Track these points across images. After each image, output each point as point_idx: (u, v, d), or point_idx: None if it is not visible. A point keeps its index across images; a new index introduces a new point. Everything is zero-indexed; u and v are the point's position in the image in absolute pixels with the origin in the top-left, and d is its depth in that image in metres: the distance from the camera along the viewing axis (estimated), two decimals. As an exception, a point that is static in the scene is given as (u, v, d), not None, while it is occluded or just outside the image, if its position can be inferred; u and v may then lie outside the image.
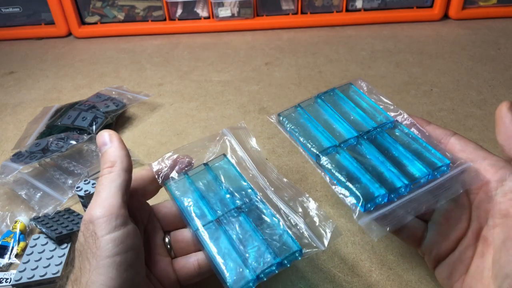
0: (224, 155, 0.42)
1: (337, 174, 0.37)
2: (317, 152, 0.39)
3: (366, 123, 0.40)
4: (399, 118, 0.41)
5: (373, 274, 0.40)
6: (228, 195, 0.38)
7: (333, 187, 0.37)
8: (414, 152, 0.37)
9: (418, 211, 0.35)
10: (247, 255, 0.35)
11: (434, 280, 0.39)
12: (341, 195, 0.36)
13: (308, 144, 0.40)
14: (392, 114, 0.41)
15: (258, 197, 0.38)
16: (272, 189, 0.39)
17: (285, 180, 0.40)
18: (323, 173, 0.39)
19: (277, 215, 0.37)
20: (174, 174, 0.40)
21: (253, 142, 0.43)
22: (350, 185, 0.36)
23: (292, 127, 0.41)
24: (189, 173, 0.40)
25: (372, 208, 0.35)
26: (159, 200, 0.40)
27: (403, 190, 0.35)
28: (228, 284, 0.33)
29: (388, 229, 0.35)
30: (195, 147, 0.42)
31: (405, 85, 0.72)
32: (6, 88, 0.80)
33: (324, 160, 0.39)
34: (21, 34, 0.98)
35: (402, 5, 0.94)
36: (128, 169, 0.35)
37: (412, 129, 0.39)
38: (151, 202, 0.39)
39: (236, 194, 0.39)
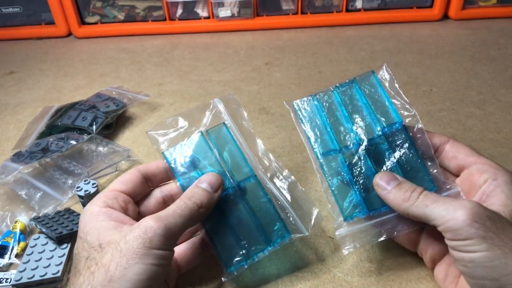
0: (224, 124, 0.42)
1: (329, 179, 0.39)
2: (319, 153, 0.40)
3: (374, 126, 0.40)
4: (409, 120, 0.41)
5: (373, 274, 0.40)
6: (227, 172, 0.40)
7: (323, 189, 0.40)
8: (407, 171, 0.39)
9: (390, 234, 0.38)
10: (241, 236, 0.39)
11: (434, 280, 0.39)
12: (328, 202, 0.40)
13: (313, 141, 0.41)
14: (405, 113, 0.41)
15: (254, 175, 0.40)
16: (262, 169, 0.41)
17: (272, 158, 0.42)
18: (319, 174, 0.40)
19: (270, 197, 0.40)
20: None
21: (245, 115, 0.44)
22: (337, 195, 0.39)
23: (305, 117, 0.42)
24: (185, 142, 0.41)
25: (353, 219, 0.38)
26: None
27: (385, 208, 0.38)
28: (222, 261, 0.38)
29: (358, 246, 0.38)
30: (188, 115, 0.43)
31: (405, 85, 0.72)
32: (6, 88, 0.80)
33: (323, 161, 0.40)
34: (21, 34, 0.98)
35: (402, 5, 0.94)
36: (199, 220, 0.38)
37: (417, 135, 0.40)
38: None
39: (234, 170, 0.40)
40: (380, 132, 0.40)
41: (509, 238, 0.30)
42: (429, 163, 0.39)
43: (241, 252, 0.39)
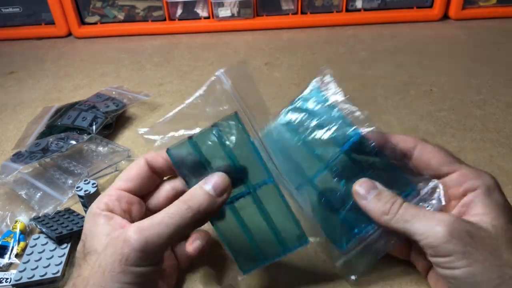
0: (236, 115, 0.36)
1: (318, 218, 0.38)
2: (292, 189, 0.38)
3: (334, 145, 0.38)
4: (364, 129, 0.37)
5: (373, 274, 0.40)
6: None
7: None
8: (380, 177, 0.36)
9: (387, 248, 0.37)
10: (257, 242, 0.37)
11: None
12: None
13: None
14: (360, 116, 0.38)
15: (272, 179, 0.36)
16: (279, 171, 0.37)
17: None
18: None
19: (288, 201, 0.37)
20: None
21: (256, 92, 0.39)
22: (326, 229, 0.38)
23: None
24: (193, 137, 0.36)
25: (347, 247, 0.38)
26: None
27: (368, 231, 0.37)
28: (237, 264, 0.37)
29: (361, 269, 0.38)
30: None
31: (405, 85, 0.72)
32: (6, 88, 0.80)
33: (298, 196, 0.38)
34: (21, 34, 0.98)
35: (402, 5, 0.94)
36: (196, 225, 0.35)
37: (379, 140, 0.37)
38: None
39: (249, 172, 0.36)
40: (338, 153, 0.37)
41: (489, 252, 0.30)
42: (400, 164, 0.37)
43: (257, 257, 0.37)
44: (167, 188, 0.38)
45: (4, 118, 0.70)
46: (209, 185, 0.34)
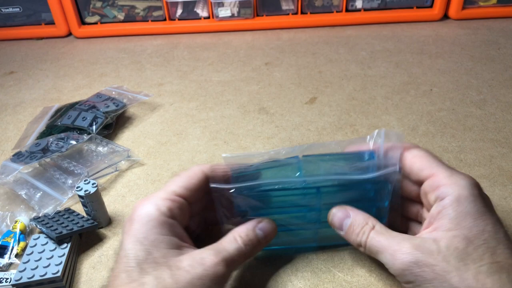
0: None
1: None
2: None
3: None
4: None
5: (373, 274, 0.40)
6: None
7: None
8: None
9: None
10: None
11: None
12: None
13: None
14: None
15: None
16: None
17: None
18: None
19: None
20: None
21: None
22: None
23: None
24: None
25: None
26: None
27: None
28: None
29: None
30: None
31: (405, 85, 0.72)
32: (6, 88, 0.80)
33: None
34: (21, 34, 0.98)
35: (402, 5, 0.94)
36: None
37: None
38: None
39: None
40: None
41: (441, 280, 0.30)
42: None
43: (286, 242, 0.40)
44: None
45: (4, 118, 0.70)
46: (261, 231, 0.37)
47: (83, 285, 0.41)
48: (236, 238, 0.35)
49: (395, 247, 0.32)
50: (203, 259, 0.32)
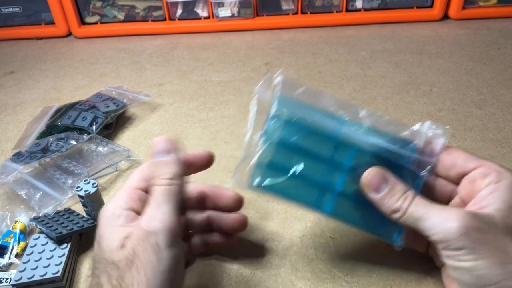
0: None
1: None
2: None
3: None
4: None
5: (373, 274, 0.40)
6: None
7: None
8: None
9: None
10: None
11: (434, 279, 0.40)
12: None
13: None
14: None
15: None
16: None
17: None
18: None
19: None
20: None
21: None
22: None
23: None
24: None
25: None
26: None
27: None
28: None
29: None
30: None
31: (405, 85, 0.72)
32: (6, 88, 0.80)
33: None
34: (21, 34, 0.98)
35: (402, 5, 0.94)
36: (183, 188, 0.35)
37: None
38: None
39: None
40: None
41: (496, 248, 0.31)
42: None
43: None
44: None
45: (4, 118, 0.70)
46: (157, 155, 0.35)
47: (83, 285, 0.41)
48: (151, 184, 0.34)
49: (445, 214, 0.32)
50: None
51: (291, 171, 0.36)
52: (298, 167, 0.37)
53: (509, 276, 0.30)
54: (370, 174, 0.35)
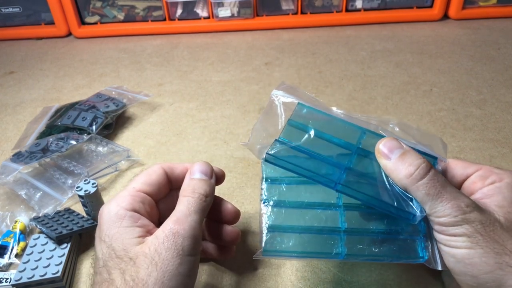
0: (299, 103, 0.38)
1: None
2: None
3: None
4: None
5: (373, 274, 0.40)
6: None
7: None
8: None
9: None
10: None
11: (433, 280, 0.40)
12: None
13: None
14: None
15: None
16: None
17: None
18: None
19: None
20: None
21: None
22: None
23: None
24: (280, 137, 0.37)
25: None
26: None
27: None
28: None
29: None
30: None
31: (405, 85, 0.72)
32: (6, 88, 0.80)
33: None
34: (21, 34, 0.98)
35: (402, 5, 0.94)
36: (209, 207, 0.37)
37: None
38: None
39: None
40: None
41: (494, 240, 0.31)
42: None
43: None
44: (176, 194, 0.39)
45: (4, 118, 0.70)
46: (197, 173, 0.37)
47: (83, 285, 0.42)
48: (185, 195, 0.36)
49: (459, 200, 0.32)
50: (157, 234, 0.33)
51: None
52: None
53: (502, 266, 0.30)
54: (383, 141, 0.35)
